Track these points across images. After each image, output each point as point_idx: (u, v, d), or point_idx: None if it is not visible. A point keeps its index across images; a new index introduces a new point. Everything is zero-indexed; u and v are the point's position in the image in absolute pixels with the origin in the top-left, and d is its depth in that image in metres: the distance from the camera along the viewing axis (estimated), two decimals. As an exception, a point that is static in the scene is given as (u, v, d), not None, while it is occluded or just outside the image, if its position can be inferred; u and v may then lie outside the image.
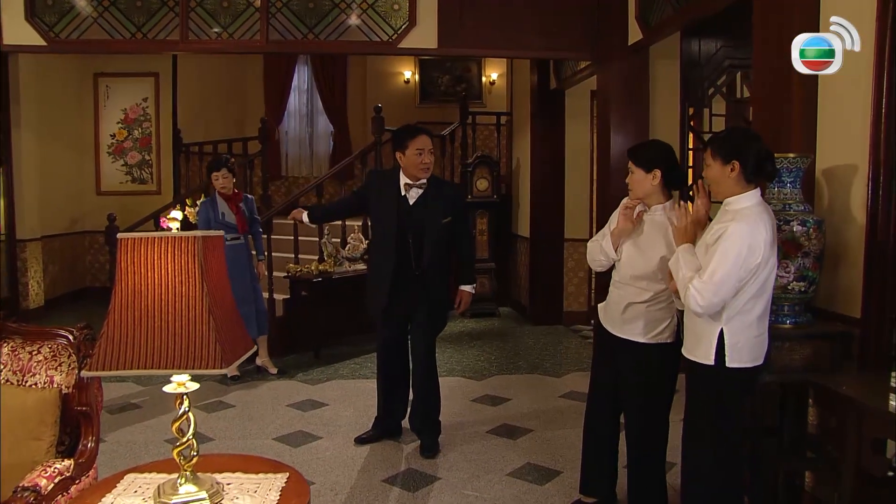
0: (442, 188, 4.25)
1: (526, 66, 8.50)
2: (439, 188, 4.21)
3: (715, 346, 2.59)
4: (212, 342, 1.92)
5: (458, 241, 4.31)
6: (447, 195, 4.22)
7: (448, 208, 4.15)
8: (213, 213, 5.67)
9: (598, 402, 3.46)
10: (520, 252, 8.76)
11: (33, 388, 2.50)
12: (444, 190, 4.25)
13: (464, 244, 4.45)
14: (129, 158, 9.88)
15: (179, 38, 5.53)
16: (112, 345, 1.91)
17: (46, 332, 2.68)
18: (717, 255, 2.51)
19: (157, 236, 1.95)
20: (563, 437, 4.55)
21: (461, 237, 4.36)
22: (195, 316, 1.92)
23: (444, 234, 4.15)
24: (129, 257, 1.94)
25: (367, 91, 10.92)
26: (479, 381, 5.82)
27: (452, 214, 4.17)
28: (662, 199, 3.15)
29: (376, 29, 5.60)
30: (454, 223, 4.19)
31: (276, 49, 5.87)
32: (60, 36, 5.48)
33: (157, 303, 1.93)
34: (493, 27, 5.82)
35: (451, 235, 4.21)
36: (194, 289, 1.93)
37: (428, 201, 4.11)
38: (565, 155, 8.00)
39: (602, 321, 3.41)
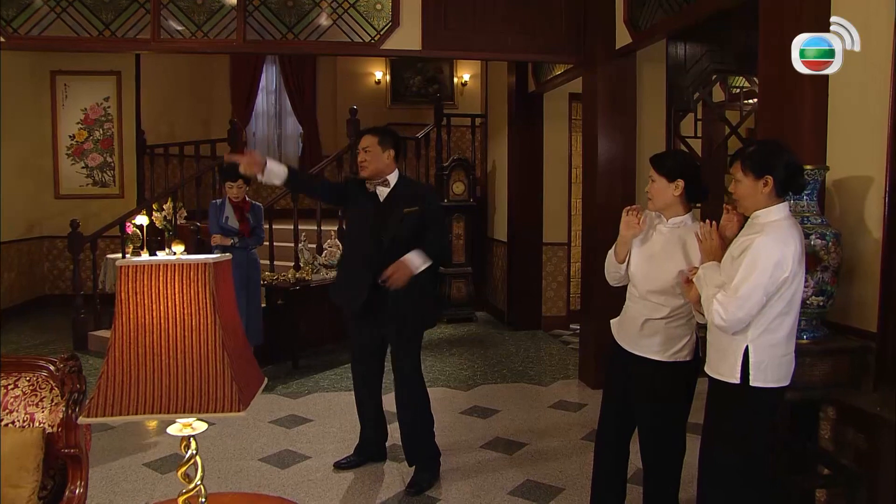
0: (410, 186, 4.03)
1: (502, 68, 8.37)
2: (408, 186, 3.99)
3: (740, 364, 2.47)
4: (227, 381, 1.72)
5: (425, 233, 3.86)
6: (414, 192, 3.96)
7: (412, 200, 3.86)
8: (219, 215, 5.73)
9: (612, 420, 3.33)
10: (496, 256, 8.63)
11: (11, 428, 2.25)
12: (413, 188, 4.03)
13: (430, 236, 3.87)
14: (89, 160, 9.47)
15: (150, 36, 5.24)
16: (113, 386, 1.70)
17: (23, 363, 2.44)
18: (743, 269, 2.39)
19: (162, 262, 1.74)
20: (560, 451, 4.43)
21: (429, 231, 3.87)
22: (208, 352, 1.73)
23: (405, 230, 3.78)
24: (131, 287, 1.73)
25: (338, 92, 10.70)
26: (465, 392, 5.66)
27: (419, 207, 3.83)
28: (682, 211, 3.02)
29: (358, 29, 5.40)
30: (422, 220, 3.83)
31: (254, 49, 5.62)
32: (19, 32, 5.15)
33: (165, 338, 1.72)
34: (476, 29, 5.65)
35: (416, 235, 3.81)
36: (206, 321, 1.73)
37: (395, 199, 3.87)
38: (544, 158, 7.88)
39: (616, 337, 3.28)
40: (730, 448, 2.57)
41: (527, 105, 7.89)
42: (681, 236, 3.00)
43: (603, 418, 3.39)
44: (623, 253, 3.10)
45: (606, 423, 3.37)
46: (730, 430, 2.57)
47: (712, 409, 2.66)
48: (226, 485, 3.87)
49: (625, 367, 3.20)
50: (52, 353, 6.88)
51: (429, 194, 4.17)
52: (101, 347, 6.97)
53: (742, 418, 2.53)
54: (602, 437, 3.40)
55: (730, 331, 2.44)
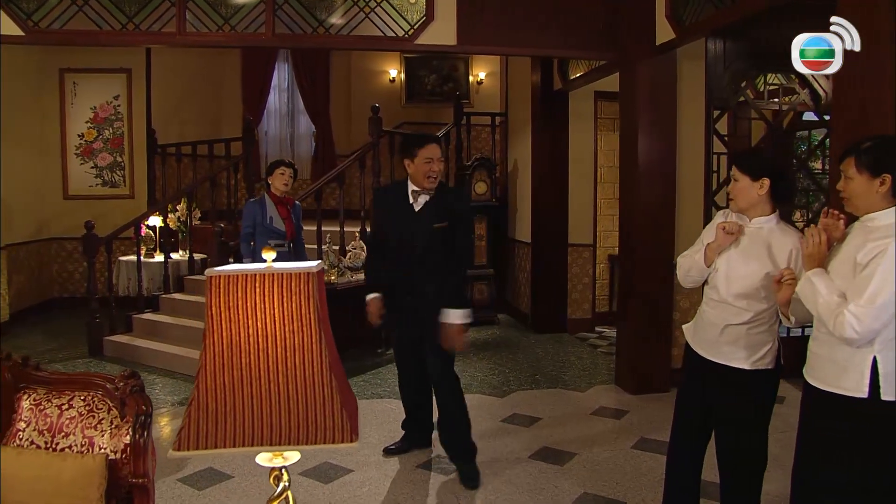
0: (445, 194, 3.95)
1: (524, 66, 8.17)
2: (443, 194, 3.93)
3: (868, 377, 2.27)
4: (336, 407, 1.52)
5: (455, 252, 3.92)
6: (448, 200, 3.93)
7: (444, 213, 3.85)
8: (260, 215, 5.28)
9: (688, 430, 3.14)
10: (518, 258, 8.42)
11: (70, 454, 2.04)
12: (446, 195, 3.96)
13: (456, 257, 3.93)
14: (99, 160, 9.25)
15: (176, 29, 5.02)
16: (206, 415, 1.50)
17: (77, 380, 2.23)
18: (879, 277, 2.19)
19: (257, 272, 1.53)
20: (612, 461, 4.24)
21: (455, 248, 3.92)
22: (314, 374, 1.52)
23: (437, 241, 3.84)
24: (223, 300, 1.53)
25: (352, 90, 10.49)
26: (501, 399, 5.46)
27: (449, 220, 3.85)
28: (767, 211, 2.84)
29: (391, 23, 5.19)
30: (451, 231, 3.87)
31: (283, 44, 5.42)
32: (40, 25, 4.93)
33: (263, 359, 1.52)
34: (511, 24, 5.45)
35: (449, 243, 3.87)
36: (311, 339, 1.53)
37: (430, 207, 3.87)
38: (569, 158, 7.68)
39: (692, 343, 3.09)
40: (844, 467, 2.36)
41: (551, 103, 7.69)
42: (765, 237, 2.83)
43: (677, 428, 3.21)
44: (713, 258, 2.91)
45: (682, 433, 3.19)
46: (851, 448, 2.35)
47: (822, 425, 2.45)
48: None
49: (702, 375, 3.02)
50: (68, 358, 6.69)
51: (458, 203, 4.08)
52: (117, 353, 6.75)
53: (870, 435, 2.32)
54: (676, 448, 3.22)
55: (861, 342, 2.24)
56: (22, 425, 2.15)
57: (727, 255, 2.89)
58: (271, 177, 5.42)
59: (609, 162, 7.93)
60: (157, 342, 6.69)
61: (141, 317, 7.10)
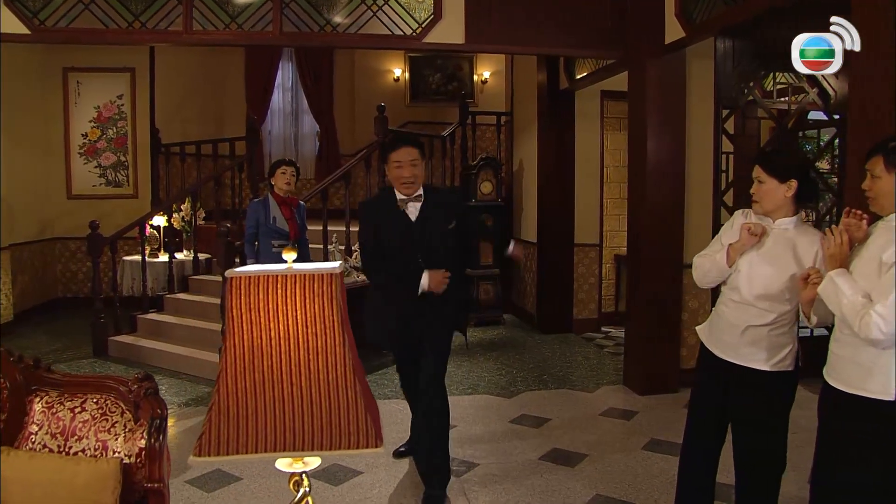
0: (440, 195, 3.80)
1: (529, 65, 8.13)
2: (437, 196, 3.74)
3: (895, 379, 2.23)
4: (360, 412, 1.48)
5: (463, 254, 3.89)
6: (447, 201, 3.79)
7: (450, 214, 3.70)
8: (263, 215, 5.21)
9: (703, 432, 3.10)
10: (524, 257, 8.38)
11: (83, 458, 2.00)
12: (442, 196, 3.83)
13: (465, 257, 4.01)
14: (102, 160, 9.21)
15: (182, 28, 4.99)
16: (227, 420, 1.46)
17: (89, 383, 2.20)
18: None
19: (279, 273, 1.50)
20: (623, 463, 4.21)
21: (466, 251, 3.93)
22: (337, 378, 1.49)
23: (452, 242, 3.70)
24: (244, 302, 1.49)
25: (356, 89, 10.45)
26: (509, 399, 5.43)
27: (456, 220, 3.72)
28: (791, 213, 2.81)
29: (399, 22, 5.15)
30: (460, 233, 3.74)
31: (290, 42, 5.40)
32: (46, 24, 4.89)
33: (286, 362, 1.48)
34: (520, 22, 5.42)
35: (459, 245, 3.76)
36: (334, 342, 1.50)
37: (429, 212, 3.62)
38: (575, 158, 7.65)
39: (707, 344, 3.05)
40: (865, 468, 2.33)
41: (557, 103, 7.65)
42: (790, 238, 2.80)
43: (692, 429, 3.18)
44: (735, 258, 2.87)
45: (696, 433, 3.15)
46: (873, 449, 2.32)
47: (843, 426, 2.41)
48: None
49: (719, 377, 2.99)
50: (72, 359, 6.66)
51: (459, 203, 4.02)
52: (122, 353, 6.72)
53: (893, 437, 2.28)
54: (690, 449, 3.18)
55: (887, 344, 2.20)
56: (34, 428, 2.11)
57: (749, 257, 2.85)
58: (273, 177, 5.36)
59: (615, 161, 7.91)
60: (161, 342, 6.66)
61: (145, 317, 7.06)
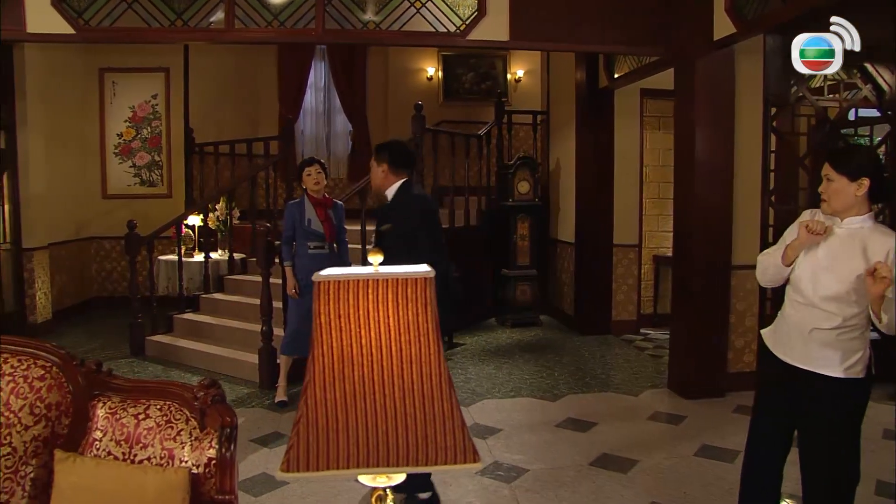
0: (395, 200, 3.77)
1: (566, 63, 8.02)
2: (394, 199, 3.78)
3: None
4: (457, 424, 1.40)
5: None
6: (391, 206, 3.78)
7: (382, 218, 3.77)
8: (299, 217, 5.17)
9: (767, 440, 2.98)
10: (561, 258, 8.28)
11: (150, 467, 1.94)
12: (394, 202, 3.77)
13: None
14: (137, 159, 9.25)
15: (225, 25, 4.95)
16: (316, 433, 1.38)
17: (151, 388, 2.14)
18: None
19: (369, 277, 1.41)
20: (676, 470, 4.10)
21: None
22: (432, 388, 1.40)
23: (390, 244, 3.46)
24: (332, 308, 1.41)
25: (389, 88, 10.39)
26: (553, 402, 5.34)
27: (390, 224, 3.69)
28: (863, 211, 2.67)
29: (443, 19, 5.08)
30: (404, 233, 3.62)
31: (333, 39, 5.32)
32: (90, 23, 4.88)
33: (378, 372, 1.40)
34: (564, 19, 5.33)
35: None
36: (429, 350, 1.41)
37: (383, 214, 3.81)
38: (614, 157, 7.52)
39: (773, 348, 2.93)
40: None
41: (596, 101, 7.53)
42: (861, 238, 2.66)
43: (756, 437, 3.05)
44: (794, 256, 2.76)
45: (760, 442, 3.03)
46: None
47: None
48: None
49: (785, 382, 2.86)
50: (110, 358, 6.65)
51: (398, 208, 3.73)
52: (159, 353, 6.71)
53: None
54: (754, 458, 3.06)
55: None
56: (98, 434, 2.06)
57: (814, 257, 2.73)
58: (301, 179, 5.30)
59: (654, 161, 7.77)
60: (198, 342, 6.64)
61: (182, 317, 7.05)
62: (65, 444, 2.07)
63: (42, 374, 2.08)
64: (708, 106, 5.32)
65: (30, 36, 4.85)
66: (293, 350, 5.24)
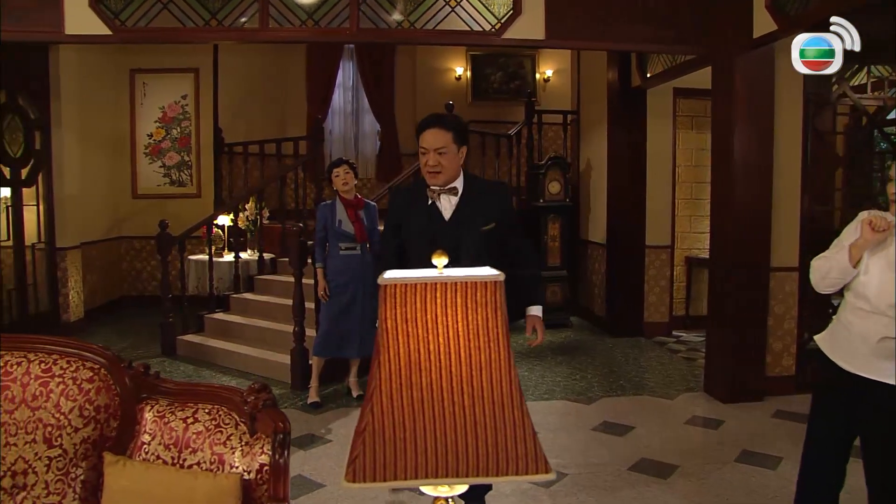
0: (480, 188, 3.08)
1: (597, 62, 7.93)
2: (478, 189, 3.06)
3: None
4: (528, 433, 1.35)
5: (514, 254, 3.12)
6: (487, 195, 3.07)
7: (489, 212, 3.01)
8: (330, 218, 5.15)
9: (826, 450, 2.89)
10: (592, 259, 8.19)
11: (199, 472, 1.91)
12: (483, 189, 3.09)
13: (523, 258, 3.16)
14: (167, 159, 9.29)
15: (259, 25, 4.94)
16: (383, 442, 1.34)
17: (199, 392, 2.11)
18: None
19: (437, 280, 1.37)
20: (718, 476, 4.02)
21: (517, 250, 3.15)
22: (503, 396, 1.35)
23: (483, 247, 2.97)
24: (399, 312, 1.37)
25: (417, 88, 10.36)
26: (588, 406, 5.26)
27: (497, 219, 3.03)
28: None
29: (478, 18, 5.02)
30: (501, 231, 3.06)
31: (368, 38, 5.30)
32: (126, 24, 4.89)
33: (447, 379, 1.35)
34: (601, 17, 5.24)
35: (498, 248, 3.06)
36: (499, 356, 1.36)
37: (465, 209, 3.00)
38: (646, 157, 7.42)
39: (831, 355, 2.83)
40: None
41: (628, 101, 7.44)
42: (933, 241, 2.56)
43: (814, 446, 2.96)
44: (858, 256, 2.66)
45: (819, 451, 2.93)
46: None
47: None
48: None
49: (844, 390, 2.77)
50: (141, 358, 6.68)
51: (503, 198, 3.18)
52: (190, 353, 6.73)
53: None
54: (813, 467, 2.97)
55: None
56: (146, 438, 2.04)
57: (879, 261, 2.64)
58: (331, 181, 5.26)
59: (687, 161, 7.67)
60: (229, 342, 6.64)
61: (212, 317, 7.06)
62: (113, 446, 2.05)
63: (90, 375, 2.06)
64: (746, 104, 5.22)
65: (68, 37, 4.86)
66: (325, 351, 5.22)
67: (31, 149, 6.90)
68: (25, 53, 6.74)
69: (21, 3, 4.74)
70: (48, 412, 1.98)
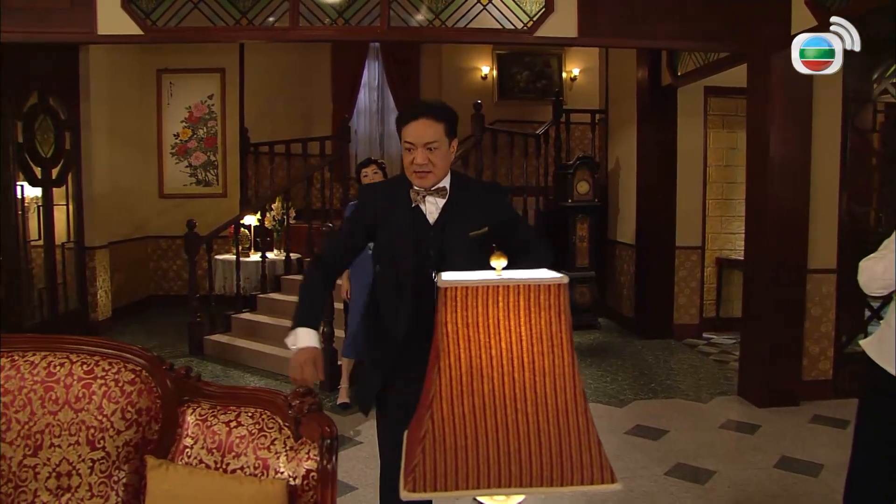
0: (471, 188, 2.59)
1: (626, 61, 7.84)
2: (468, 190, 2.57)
3: None
4: (593, 442, 1.30)
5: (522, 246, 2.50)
6: (478, 196, 2.57)
7: (480, 216, 2.50)
8: None
9: (876, 457, 2.79)
10: (620, 260, 8.10)
11: (243, 477, 1.87)
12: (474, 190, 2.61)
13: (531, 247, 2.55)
14: (193, 159, 9.33)
15: (290, 24, 4.91)
16: (444, 450, 1.29)
17: (241, 395, 2.07)
18: None
19: (499, 283, 1.32)
20: (756, 481, 3.94)
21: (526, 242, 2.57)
22: (566, 403, 1.30)
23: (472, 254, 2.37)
24: (460, 316, 1.32)
25: (443, 87, 10.31)
26: (620, 409, 5.19)
27: (490, 223, 2.50)
28: None
29: (510, 15, 4.96)
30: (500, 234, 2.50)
31: (398, 37, 5.27)
32: (157, 24, 4.89)
33: (509, 385, 1.30)
34: (633, 15, 5.14)
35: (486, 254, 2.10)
36: (563, 362, 1.31)
37: (453, 212, 2.51)
38: (677, 157, 7.32)
39: (879, 361, 2.74)
40: None
41: (658, 100, 7.34)
42: None
43: (862, 453, 2.85)
44: None
45: (869, 458, 2.83)
46: None
47: None
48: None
49: (889, 393, 2.67)
50: (169, 357, 6.67)
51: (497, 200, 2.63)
52: (217, 353, 6.73)
53: None
54: (861, 475, 2.87)
55: None
56: (189, 441, 2.00)
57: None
58: (359, 182, 5.21)
59: (718, 160, 7.55)
60: (257, 343, 6.63)
61: (239, 316, 7.06)
62: (155, 450, 2.02)
63: (132, 377, 2.04)
64: (784, 102, 5.11)
65: (100, 38, 4.87)
66: (354, 352, 5.18)
67: (62, 149, 6.95)
68: (56, 55, 6.79)
69: (54, 5, 4.75)
70: (91, 414, 1.96)
